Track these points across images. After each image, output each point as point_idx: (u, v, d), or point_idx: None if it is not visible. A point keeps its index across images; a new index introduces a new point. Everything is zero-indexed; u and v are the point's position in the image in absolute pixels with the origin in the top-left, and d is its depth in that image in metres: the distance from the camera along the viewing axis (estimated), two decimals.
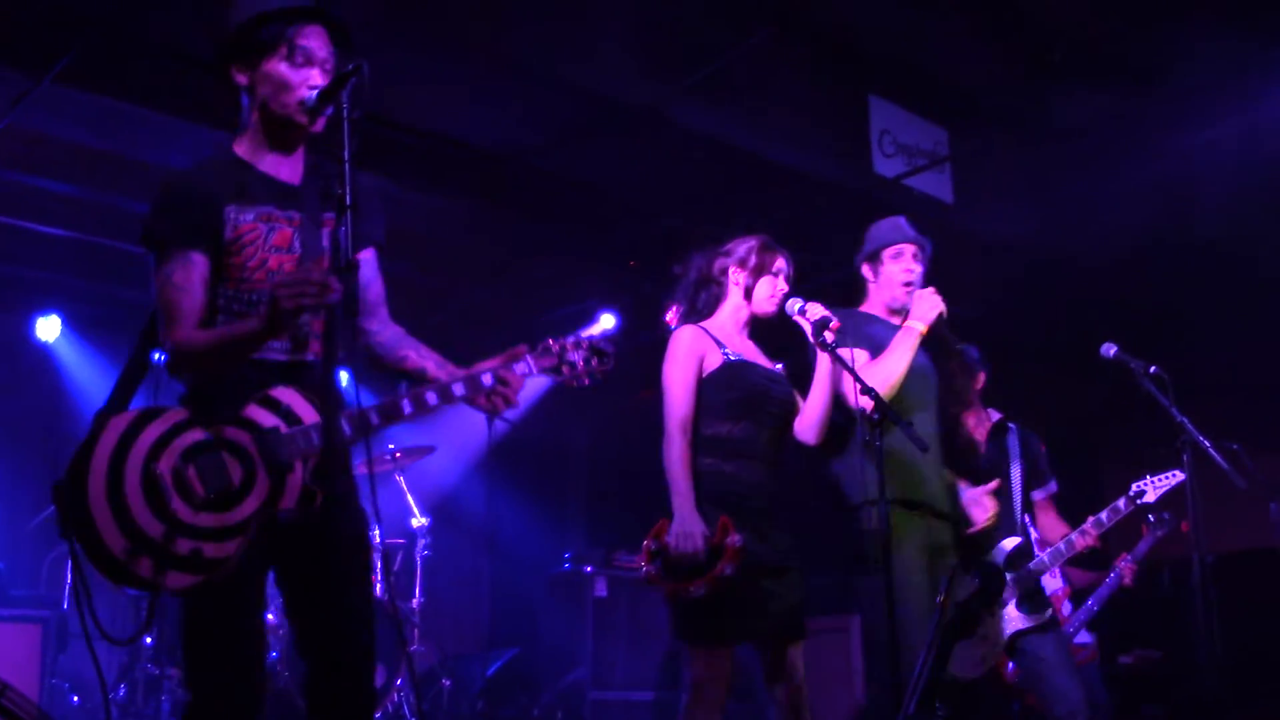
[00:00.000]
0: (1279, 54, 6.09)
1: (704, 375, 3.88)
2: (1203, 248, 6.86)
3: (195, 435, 2.48)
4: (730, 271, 4.04)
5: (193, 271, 2.60)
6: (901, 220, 4.39)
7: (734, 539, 3.61)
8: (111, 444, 2.44)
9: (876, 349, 4.07)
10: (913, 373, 4.04)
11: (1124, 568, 5.80)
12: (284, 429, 2.52)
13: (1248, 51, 6.22)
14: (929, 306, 4.09)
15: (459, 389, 2.66)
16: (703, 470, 3.79)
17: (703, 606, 3.62)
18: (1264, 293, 6.48)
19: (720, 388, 3.85)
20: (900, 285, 4.24)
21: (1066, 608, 5.95)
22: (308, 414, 2.54)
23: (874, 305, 4.34)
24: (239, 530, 2.45)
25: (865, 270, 4.38)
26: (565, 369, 2.79)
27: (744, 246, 4.05)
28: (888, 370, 3.95)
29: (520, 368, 2.73)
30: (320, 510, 2.49)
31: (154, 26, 5.13)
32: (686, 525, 3.65)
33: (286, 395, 2.55)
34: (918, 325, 4.04)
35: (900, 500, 3.93)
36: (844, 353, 3.93)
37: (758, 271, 4.00)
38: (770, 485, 3.87)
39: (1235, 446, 4.71)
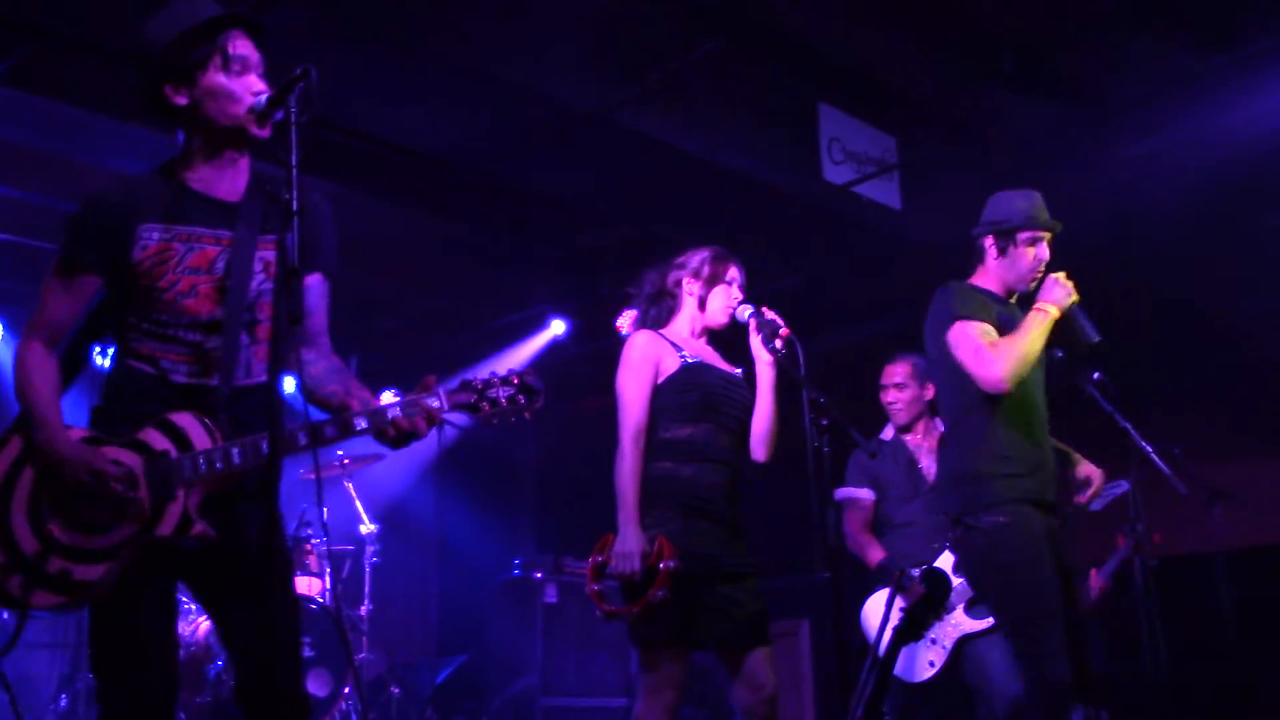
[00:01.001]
0: (1221, 66, 6.19)
1: (660, 380, 3.82)
2: (1146, 258, 6.96)
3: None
4: (684, 283, 3.99)
5: (72, 294, 2.60)
6: (1040, 199, 4.14)
7: (667, 563, 3.56)
8: (11, 458, 2.47)
9: (1000, 329, 3.89)
10: None
11: (1094, 585, 5.87)
12: (173, 454, 2.48)
13: (1191, 64, 6.32)
14: (1064, 292, 3.89)
15: (360, 423, 2.56)
16: (659, 474, 3.75)
17: (657, 611, 3.59)
18: (1205, 303, 6.58)
19: (677, 390, 3.80)
20: (1029, 273, 4.03)
21: None
22: (200, 440, 2.50)
23: (989, 279, 4.13)
24: (110, 555, 2.42)
25: (989, 243, 4.12)
26: (485, 406, 2.62)
27: (697, 258, 4.01)
28: (1020, 351, 3.78)
29: (431, 401, 2.58)
30: (201, 539, 2.46)
31: (95, 30, 5.07)
32: (627, 546, 3.61)
33: (183, 420, 2.51)
34: (1051, 309, 3.85)
35: (1034, 501, 3.81)
36: (967, 326, 3.83)
37: (711, 281, 3.96)
38: (731, 489, 3.82)
39: (1176, 451, 4.79)
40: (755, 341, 3.84)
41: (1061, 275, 3.93)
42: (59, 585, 2.39)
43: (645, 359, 3.84)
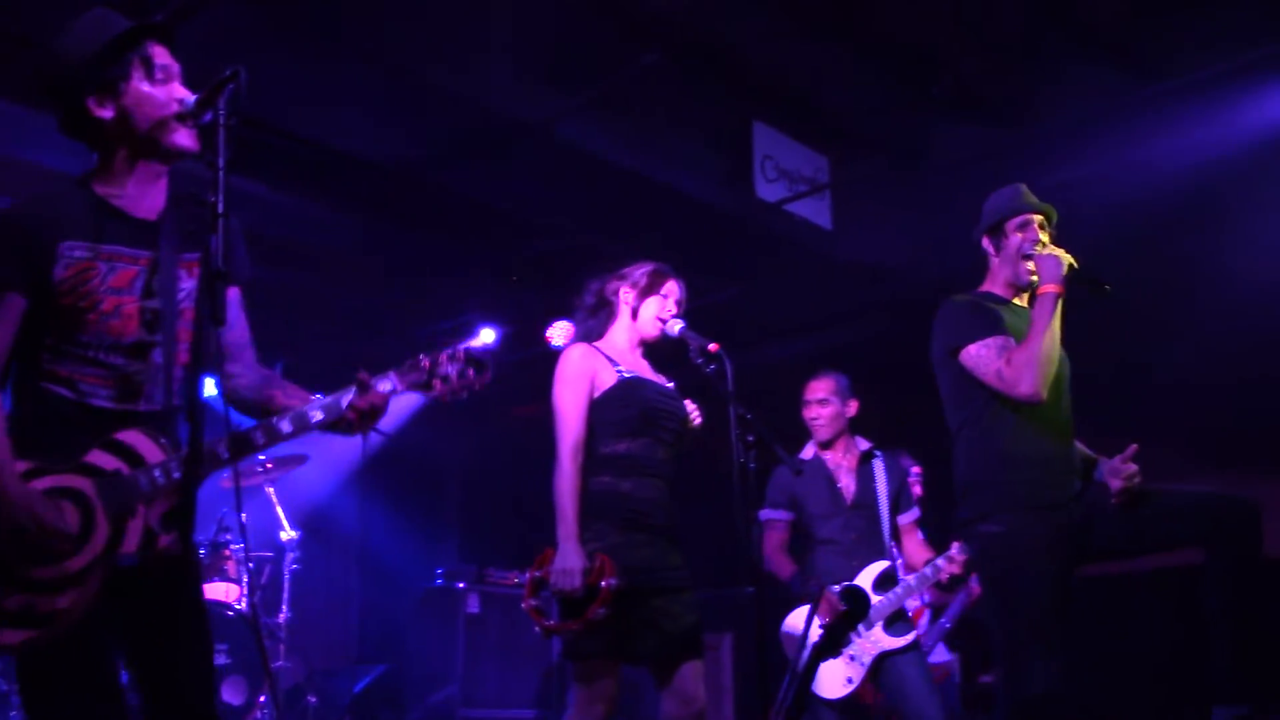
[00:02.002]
0: (1147, 97, 6.33)
1: (597, 394, 3.84)
2: (1070, 283, 7.07)
3: (37, 485, 2.38)
4: (621, 291, 4.04)
5: (1, 318, 2.47)
6: (1023, 187, 4.06)
7: (608, 582, 3.56)
8: None
9: (1011, 333, 3.76)
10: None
11: (974, 584, 5.92)
12: (125, 471, 2.43)
13: (1118, 92, 6.46)
14: (1055, 263, 3.71)
15: (316, 415, 2.55)
16: (599, 489, 3.75)
17: (595, 626, 3.58)
18: (1126, 328, 6.70)
19: (615, 405, 3.82)
20: (1054, 268, 3.80)
21: (923, 624, 6.08)
22: (152, 454, 2.45)
23: (995, 283, 4.01)
24: (75, 581, 2.35)
25: (986, 244, 4.03)
26: (438, 384, 2.61)
27: (639, 270, 4.06)
28: (1037, 353, 3.60)
29: (383, 385, 2.59)
30: (161, 553, 2.41)
31: (26, 21, 4.97)
32: (567, 562, 3.60)
33: (130, 437, 2.46)
34: (1051, 289, 3.68)
35: (1040, 504, 3.65)
36: (978, 349, 3.70)
37: (646, 292, 4.00)
38: (669, 502, 3.84)
39: None
40: (690, 352, 3.87)
41: (1045, 244, 3.81)
42: (24, 620, 2.31)
43: (581, 373, 3.85)
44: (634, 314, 4.02)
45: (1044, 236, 3.95)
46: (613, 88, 6.00)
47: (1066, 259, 3.72)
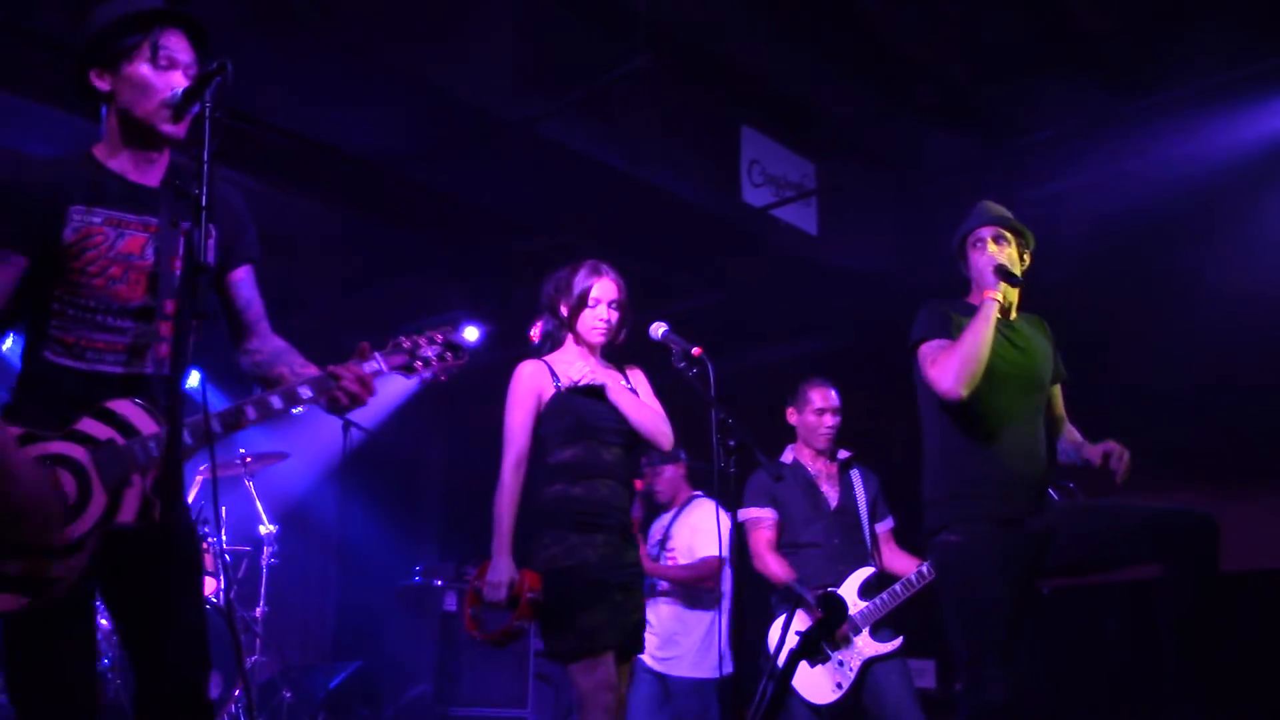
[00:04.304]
0: (1130, 112, 6.37)
1: (542, 409, 3.99)
2: (1055, 294, 7.10)
3: (30, 452, 2.39)
4: (561, 308, 4.11)
5: (2, 274, 2.51)
6: (990, 203, 4.04)
7: (530, 594, 3.76)
8: None
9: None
10: (1005, 363, 3.77)
11: None
12: (120, 441, 2.45)
13: (1104, 106, 6.49)
14: (988, 264, 3.75)
15: (305, 391, 2.60)
16: (553, 496, 3.89)
17: (572, 623, 3.71)
18: (1108, 339, 6.74)
19: (556, 417, 3.95)
20: (986, 273, 3.85)
21: None
22: (145, 425, 2.47)
23: (975, 295, 3.98)
24: (75, 548, 2.37)
25: (960, 258, 4.04)
26: (419, 364, 2.77)
27: (571, 280, 4.08)
28: (963, 352, 3.64)
29: (370, 365, 2.69)
30: (157, 522, 2.42)
31: (7, 6, 4.94)
32: (497, 575, 3.80)
33: (122, 407, 2.48)
34: (990, 295, 3.72)
35: (996, 518, 3.67)
36: (924, 348, 3.76)
37: (580, 304, 4.05)
38: (623, 501, 3.93)
39: (1071, 485, 4.87)
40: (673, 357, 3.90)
41: (989, 247, 3.79)
42: (23, 586, 2.33)
43: (529, 390, 4.00)
44: (573, 327, 4.08)
45: (992, 248, 3.92)
46: (602, 90, 6.00)
47: (993, 260, 3.76)
